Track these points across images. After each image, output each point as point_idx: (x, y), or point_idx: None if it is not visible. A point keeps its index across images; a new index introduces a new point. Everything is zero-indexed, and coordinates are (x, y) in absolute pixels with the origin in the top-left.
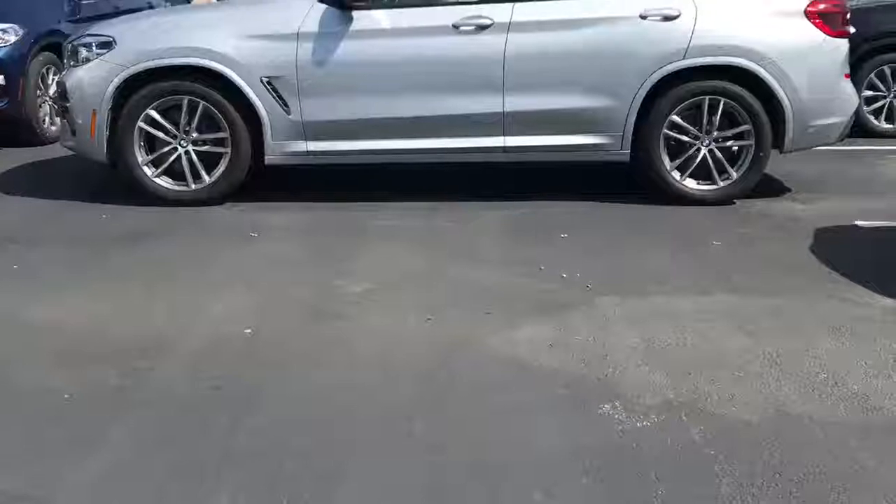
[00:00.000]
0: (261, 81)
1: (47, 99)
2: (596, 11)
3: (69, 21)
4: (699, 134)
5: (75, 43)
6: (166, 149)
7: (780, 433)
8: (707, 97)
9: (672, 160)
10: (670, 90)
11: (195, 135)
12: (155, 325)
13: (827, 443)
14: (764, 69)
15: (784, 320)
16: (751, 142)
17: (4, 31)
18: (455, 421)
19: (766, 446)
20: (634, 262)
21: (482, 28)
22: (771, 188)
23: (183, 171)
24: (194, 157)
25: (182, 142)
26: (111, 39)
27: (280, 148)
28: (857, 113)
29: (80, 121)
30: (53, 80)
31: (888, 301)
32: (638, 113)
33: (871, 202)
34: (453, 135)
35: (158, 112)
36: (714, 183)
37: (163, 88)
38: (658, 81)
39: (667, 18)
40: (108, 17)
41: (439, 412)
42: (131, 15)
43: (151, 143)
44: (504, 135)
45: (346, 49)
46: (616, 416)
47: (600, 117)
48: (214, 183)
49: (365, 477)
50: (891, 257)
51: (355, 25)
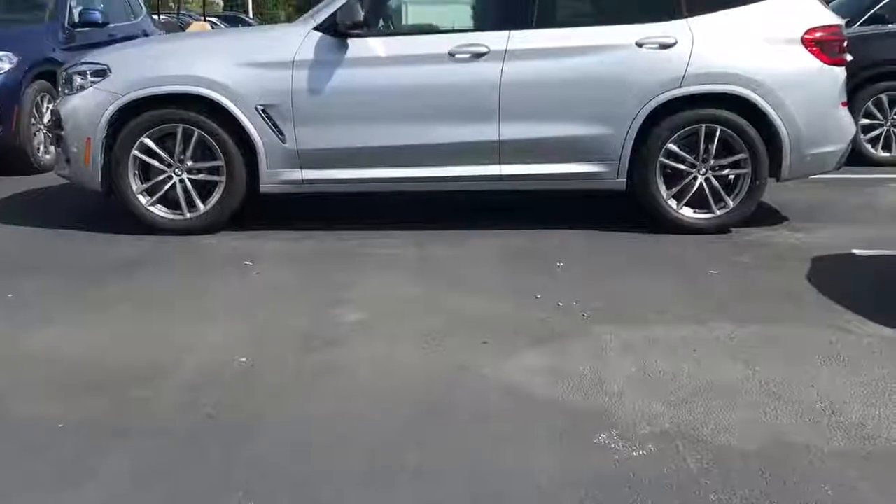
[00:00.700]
0: (256, 109)
1: (42, 127)
2: (592, 39)
3: (64, 49)
4: (696, 162)
5: (70, 71)
6: (161, 177)
7: (778, 462)
8: (704, 125)
9: (668, 188)
10: (667, 118)
11: (190, 163)
12: (150, 354)
13: (825, 472)
14: (761, 97)
15: (781, 349)
16: (747, 170)
17: None
18: (452, 450)
19: (764, 476)
20: (631, 291)
21: (478, 56)
22: (768, 217)
23: (178, 200)
24: (189, 186)
25: (177, 170)
26: (106, 67)
27: (275, 176)
28: (855, 141)
29: (75, 149)
30: (48, 109)
31: (886, 330)
32: (634, 141)
33: (869, 230)
34: (449, 163)
35: (153, 140)
36: (711, 211)
37: (157, 116)
38: (654, 109)
39: (663, 46)
40: (103, 45)
41: (436, 441)
42: (126, 43)
43: (146, 172)
44: (500, 163)
45: (342, 77)
46: (612, 446)
47: (596, 145)
48: (209, 211)
49: None
50: (888, 286)
51: (351, 53)
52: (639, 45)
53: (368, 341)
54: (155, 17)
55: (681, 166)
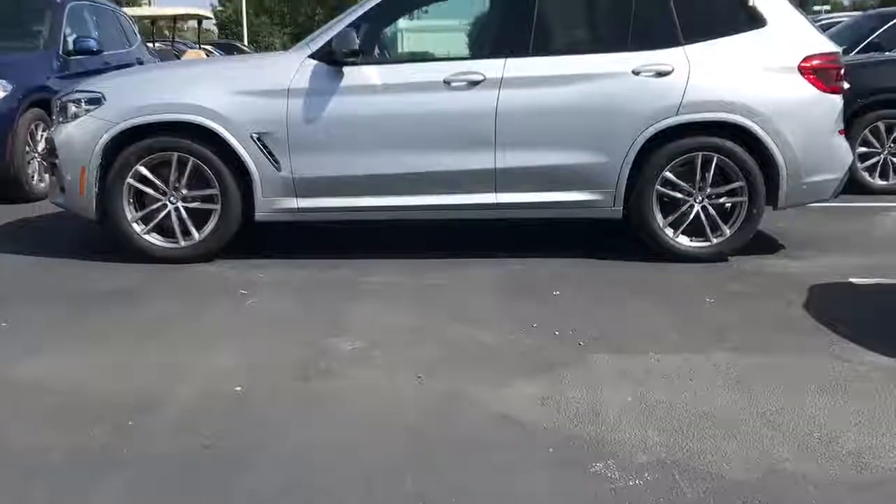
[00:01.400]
0: (251, 137)
1: (36, 155)
2: (588, 67)
3: (58, 77)
4: (692, 190)
5: (64, 99)
6: (156, 205)
7: (774, 492)
8: (700, 153)
9: (665, 217)
10: (663, 146)
11: (185, 191)
12: (145, 383)
13: (822, 502)
14: (758, 125)
15: (778, 378)
16: (744, 198)
17: None
18: (447, 479)
19: None
20: (627, 319)
21: (474, 84)
22: (765, 245)
23: (172, 228)
24: (184, 214)
25: (171, 198)
26: (100, 95)
27: (270, 204)
28: (852, 169)
29: (70, 177)
30: (42, 137)
31: (883, 359)
32: (631, 169)
33: (866, 259)
34: (445, 191)
35: (148, 168)
36: (707, 240)
37: (152, 145)
38: (651, 137)
39: (660, 74)
40: (98, 73)
41: (431, 470)
42: (120, 71)
43: (141, 200)
44: (496, 191)
45: (337, 105)
46: (608, 475)
47: (593, 174)
48: (204, 240)
49: None
50: (886, 315)
51: (346, 81)
52: (635, 73)
53: (365, 370)
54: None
55: (677, 194)
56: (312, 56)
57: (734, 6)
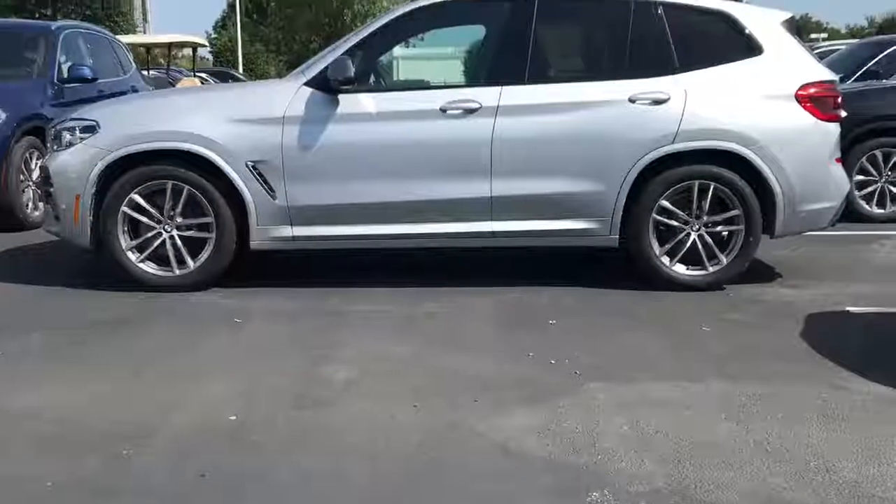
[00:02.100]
0: (246, 166)
1: (30, 184)
2: (585, 95)
3: (52, 105)
4: (689, 219)
5: (58, 127)
6: (150, 234)
7: None
8: (697, 182)
9: (661, 245)
10: (660, 174)
11: (180, 220)
12: (139, 412)
13: None
14: (754, 153)
15: (774, 407)
16: (741, 227)
17: None
18: None
19: None
20: (623, 348)
21: (470, 112)
22: (761, 273)
23: (167, 256)
24: (179, 242)
25: (166, 227)
26: (95, 123)
27: (265, 233)
28: (849, 198)
29: (64, 206)
30: (36, 165)
31: (880, 388)
32: (627, 197)
33: (863, 287)
34: (440, 220)
35: (142, 196)
36: (704, 268)
37: (147, 173)
38: (647, 166)
39: (656, 102)
40: (92, 101)
41: (428, 500)
42: (115, 99)
43: (135, 228)
44: (492, 220)
45: (333, 133)
46: None
47: (589, 202)
48: (199, 268)
49: None
50: (882, 344)
51: (341, 109)
52: (631, 101)
53: (359, 400)
54: (144, 73)
55: (674, 223)
56: (308, 84)
57: (731, 34)
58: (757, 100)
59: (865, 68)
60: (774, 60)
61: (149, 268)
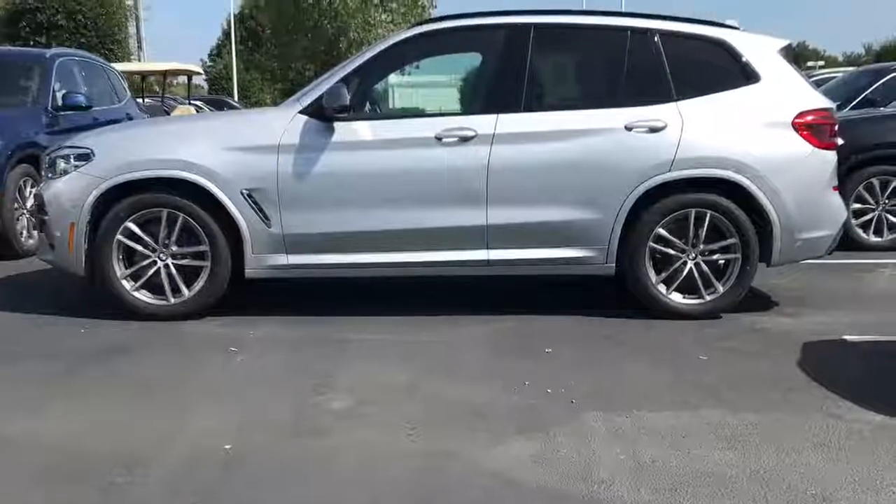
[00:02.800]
0: (241, 194)
1: (25, 212)
2: (581, 123)
3: (47, 133)
4: (685, 247)
5: (53, 155)
6: (145, 262)
7: None
8: (693, 210)
9: (658, 273)
10: (656, 203)
11: (174, 248)
12: (134, 441)
13: None
14: (751, 182)
15: (771, 436)
16: (737, 255)
17: None
18: None
19: None
20: (620, 377)
21: (465, 140)
22: (758, 302)
23: (162, 285)
24: (173, 271)
25: (161, 255)
26: (89, 151)
27: (261, 261)
28: (846, 226)
29: (58, 234)
30: (31, 193)
31: (878, 416)
32: (623, 225)
33: (860, 316)
34: (436, 248)
35: (137, 225)
36: (700, 296)
37: (142, 201)
38: (644, 194)
39: (653, 130)
40: (86, 129)
41: None
42: (109, 126)
43: (130, 257)
44: (487, 248)
45: (328, 161)
46: None
47: (585, 230)
48: (194, 297)
49: None
50: (880, 372)
51: (337, 137)
52: (628, 129)
53: (355, 428)
54: (139, 101)
55: (670, 251)
56: (303, 112)
57: (728, 61)
58: (754, 127)
59: (863, 96)
60: (771, 88)
61: (144, 296)
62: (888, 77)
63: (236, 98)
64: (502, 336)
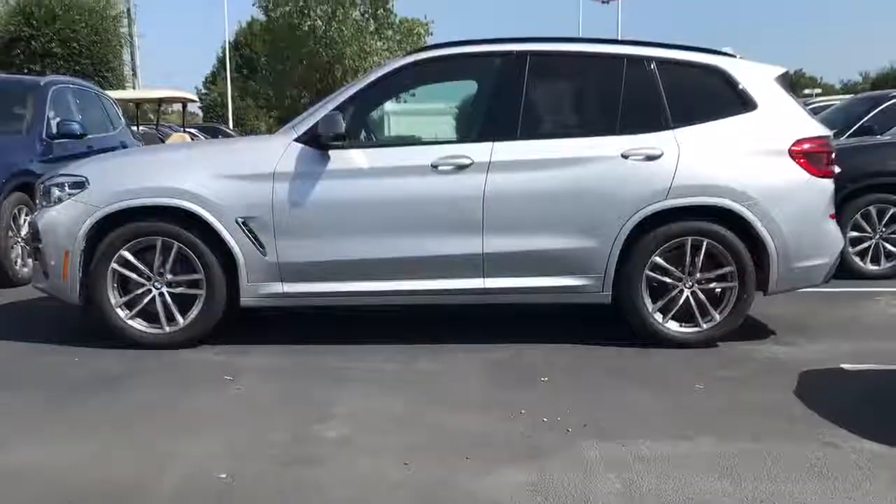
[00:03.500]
0: (236, 222)
1: (19, 240)
2: (577, 151)
3: (41, 161)
4: (682, 275)
5: (47, 183)
6: (140, 290)
7: None
8: (690, 238)
9: (654, 302)
10: (652, 231)
11: (169, 276)
12: (129, 470)
13: None
14: (748, 210)
15: (767, 465)
16: (734, 283)
17: None
18: None
19: None
20: (616, 406)
21: (461, 168)
22: (755, 330)
23: (157, 313)
24: (168, 299)
25: (156, 283)
26: (84, 179)
27: (256, 289)
28: (843, 254)
29: (53, 262)
30: (25, 221)
31: (875, 445)
32: (620, 254)
33: (858, 344)
34: (432, 276)
35: (132, 253)
36: (697, 325)
37: (136, 229)
38: (640, 222)
39: (649, 158)
40: (81, 157)
41: None
42: (104, 154)
43: (125, 285)
44: (483, 276)
45: (323, 189)
46: None
47: (581, 259)
48: (189, 325)
49: None
50: (877, 401)
51: (332, 165)
52: (624, 157)
53: (351, 457)
54: (134, 129)
55: (667, 279)
56: (298, 139)
57: (724, 89)
58: (751, 155)
59: (860, 124)
60: (768, 116)
61: (138, 325)
62: (886, 104)
63: (231, 126)
64: (499, 365)
